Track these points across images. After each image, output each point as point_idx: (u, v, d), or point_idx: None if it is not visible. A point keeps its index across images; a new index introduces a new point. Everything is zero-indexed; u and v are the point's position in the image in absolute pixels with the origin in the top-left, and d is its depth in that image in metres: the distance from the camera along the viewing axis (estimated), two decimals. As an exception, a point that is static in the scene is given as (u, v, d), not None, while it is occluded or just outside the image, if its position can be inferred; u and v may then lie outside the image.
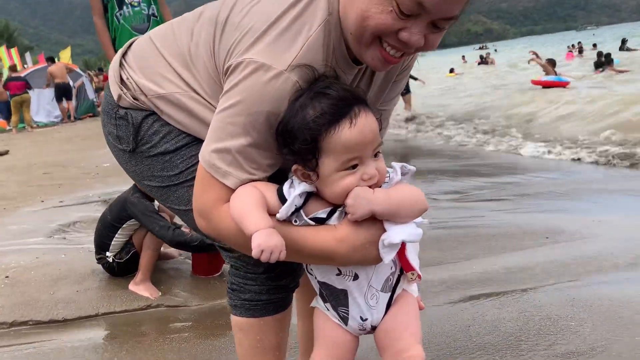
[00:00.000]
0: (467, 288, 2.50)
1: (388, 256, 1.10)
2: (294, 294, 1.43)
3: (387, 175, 1.16)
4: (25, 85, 14.04)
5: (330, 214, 1.13)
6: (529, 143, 6.78)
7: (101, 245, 2.73)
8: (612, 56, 16.92)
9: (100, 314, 2.51)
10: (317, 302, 1.28)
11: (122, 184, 2.80)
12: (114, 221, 2.70)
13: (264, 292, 1.31)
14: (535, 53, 14.53)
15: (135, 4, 3.64)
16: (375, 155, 1.12)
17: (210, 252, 2.65)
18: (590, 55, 22.59)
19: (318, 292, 1.25)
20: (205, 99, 1.22)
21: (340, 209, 1.13)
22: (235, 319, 1.36)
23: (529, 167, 5.69)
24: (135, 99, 1.31)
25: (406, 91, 12.15)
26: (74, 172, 6.55)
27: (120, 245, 2.71)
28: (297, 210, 1.12)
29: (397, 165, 1.18)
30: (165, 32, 1.33)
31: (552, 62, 13.69)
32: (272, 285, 1.31)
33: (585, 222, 3.43)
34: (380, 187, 1.13)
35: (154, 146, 1.31)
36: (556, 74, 13.05)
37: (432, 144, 7.73)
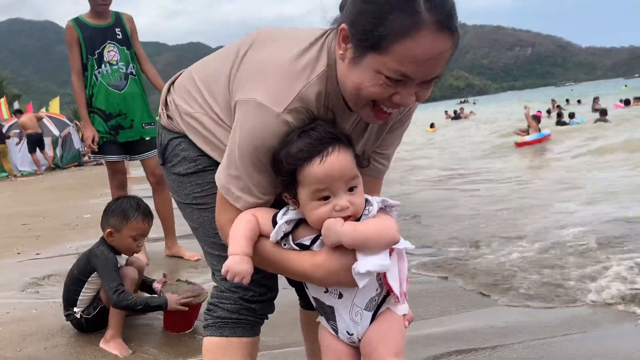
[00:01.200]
0: (438, 345, 2.51)
1: (361, 282, 1.22)
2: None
3: (366, 208, 1.27)
4: None
5: (314, 241, 1.29)
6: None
7: (69, 300, 2.70)
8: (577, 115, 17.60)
9: (67, 372, 2.46)
10: (320, 316, 1.42)
11: (100, 235, 2.80)
12: (80, 275, 2.68)
13: (234, 311, 1.45)
14: (528, 109, 15.13)
15: (114, 62, 3.81)
16: (351, 189, 1.25)
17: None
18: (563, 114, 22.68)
19: (315, 306, 1.39)
20: (221, 120, 1.39)
21: (322, 237, 1.26)
22: (205, 341, 1.49)
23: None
24: (169, 117, 1.52)
25: None
26: (54, 223, 6.48)
27: (87, 300, 2.68)
28: (286, 235, 1.30)
29: (375, 199, 1.30)
30: (204, 60, 1.54)
31: (536, 119, 14.19)
32: (244, 306, 1.46)
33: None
34: (359, 218, 1.25)
35: (173, 166, 1.53)
36: (539, 131, 13.53)
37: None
